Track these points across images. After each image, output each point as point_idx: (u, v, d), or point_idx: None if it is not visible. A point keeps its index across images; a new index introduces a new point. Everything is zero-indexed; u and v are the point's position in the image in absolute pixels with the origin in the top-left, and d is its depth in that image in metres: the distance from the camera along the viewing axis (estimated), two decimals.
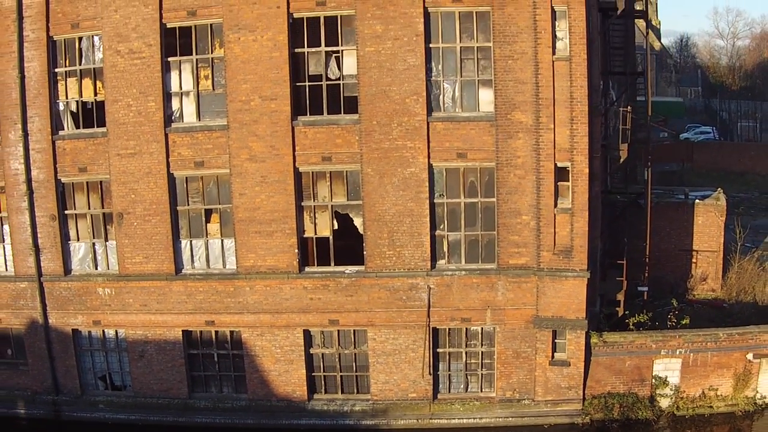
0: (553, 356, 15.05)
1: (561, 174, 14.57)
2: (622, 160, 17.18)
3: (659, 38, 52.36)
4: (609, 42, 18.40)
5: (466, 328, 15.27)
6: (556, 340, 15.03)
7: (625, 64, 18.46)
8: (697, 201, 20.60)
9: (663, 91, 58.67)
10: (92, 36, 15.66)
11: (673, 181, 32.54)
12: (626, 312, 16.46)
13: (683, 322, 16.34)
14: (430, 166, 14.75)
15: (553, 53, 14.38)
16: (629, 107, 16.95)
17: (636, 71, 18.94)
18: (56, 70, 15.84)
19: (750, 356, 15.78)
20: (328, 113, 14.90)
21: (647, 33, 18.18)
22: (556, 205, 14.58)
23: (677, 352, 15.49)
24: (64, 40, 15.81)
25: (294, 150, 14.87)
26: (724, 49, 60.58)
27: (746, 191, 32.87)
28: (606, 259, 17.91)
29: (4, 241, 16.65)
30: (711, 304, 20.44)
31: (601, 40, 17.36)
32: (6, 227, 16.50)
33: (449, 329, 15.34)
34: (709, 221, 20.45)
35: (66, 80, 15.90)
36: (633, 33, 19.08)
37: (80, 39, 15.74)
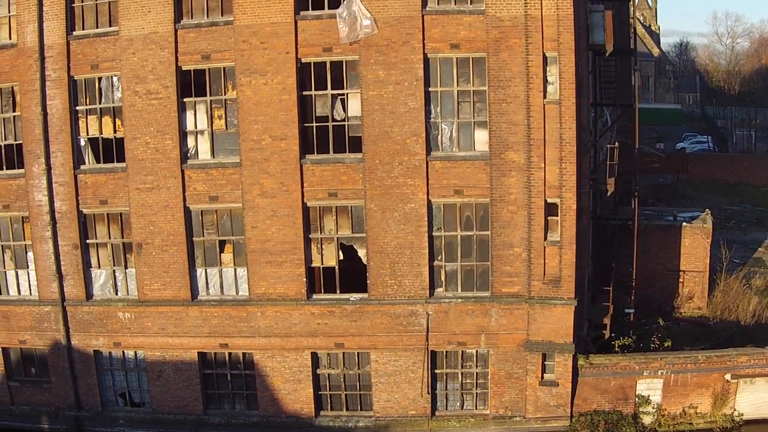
0: (542, 377, 16.59)
1: (551, 209, 16.05)
2: (609, 193, 18.59)
3: (659, 44, 53.68)
4: (602, 75, 19.75)
5: (462, 351, 16.82)
6: (545, 363, 16.57)
7: (618, 94, 19.82)
8: (684, 224, 22.10)
9: (661, 98, 60.10)
10: (111, 76, 17.13)
11: (667, 194, 34.02)
12: (612, 334, 17.97)
13: (666, 345, 17.88)
14: (429, 202, 16.23)
15: (544, 97, 15.82)
16: (616, 143, 18.31)
17: (625, 103, 20.27)
18: (77, 107, 17.32)
19: (728, 376, 17.30)
20: (334, 152, 16.39)
21: (636, 67, 19.38)
22: (546, 238, 16.07)
23: (659, 373, 17.01)
24: (85, 79, 17.28)
25: (302, 186, 16.37)
26: (723, 54, 61.92)
27: (739, 203, 34.28)
28: (595, 282, 19.36)
29: (28, 268, 18.17)
30: (696, 322, 21.99)
31: (593, 76, 18.77)
32: (30, 254, 18.01)
33: (446, 352, 16.88)
34: (695, 243, 21.96)
35: (87, 117, 17.36)
36: (630, 66, 20.28)
37: (100, 79, 17.21)
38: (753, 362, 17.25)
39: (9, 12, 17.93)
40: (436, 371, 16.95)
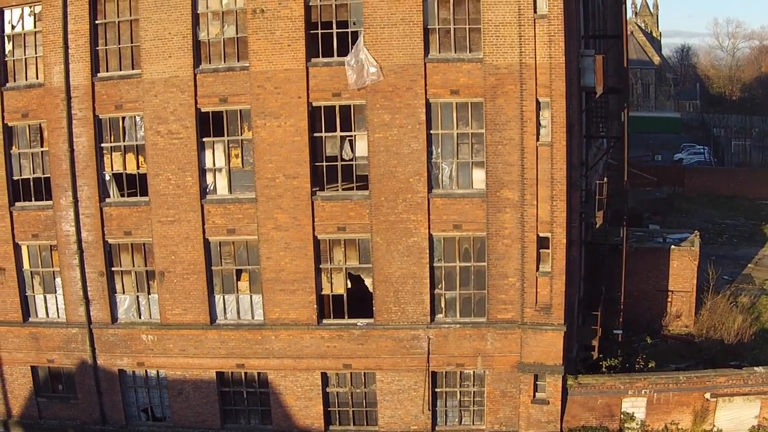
0: (534, 396, 18.55)
1: (542, 242, 17.94)
2: (598, 225, 20.43)
3: (660, 50, 55.27)
4: (594, 110, 21.47)
5: (461, 372, 18.79)
6: (537, 382, 18.54)
7: (608, 127, 21.55)
8: (672, 247, 23.98)
9: (662, 105, 61.76)
10: (135, 116, 19.00)
11: (663, 208, 35.77)
12: (601, 355, 19.90)
13: (650, 365, 19.77)
14: (430, 236, 18.13)
15: (537, 139, 17.65)
16: (605, 179, 20.09)
17: (615, 136, 21.99)
18: (102, 144, 19.20)
19: (708, 395, 19.23)
20: (343, 189, 18.33)
21: (627, 112, 21.04)
22: (538, 269, 17.94)
23: (643, 392, 18.93)
24: (109, 118, 19.15)
25: (313, 221, 18.29)
26: (724, 60, 63.64)
27: (733, 217, 36.13)
28: (586, 305, 21.21)
29: (56, 292, 20.11)
30: (683, 339, 23.92)
31: (585, 113, 20.50)
32: (58, 280, 19.95)
33: (446, 372, 18.85)
34: (683, 265, 23.83)
35: (111, 154, 19.23)
36: (626, 104, 21.89)
37: (123, 118, 19.08)
38: (731, 382, 19.17)
39: (36, 53, 19.85)
40: (436, 390, 18.94)
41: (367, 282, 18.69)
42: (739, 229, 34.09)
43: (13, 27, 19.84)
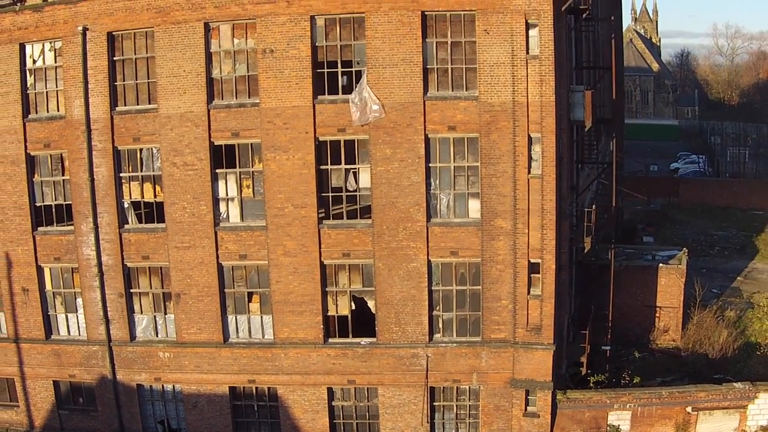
0: (526, 409, 20.49)
1: (533, 268, 19.80)
2: (586, 251, 22.25)
3: (659, 56, 56.83)
4: (584, 138, 23.25)
5: (457, 387, 20.70)
6: (528, 397, 20.48)
7: (598, 155, 23.34)
8: (660, 265, 25.84)
9: (660, 112, 63.51)
10: (151, 148, 20.82)
11: (657, 219, 37.59)
12: (589, 371, 21.77)
13: (635, 381, 21.65)
14: (429, 262, 19.99)
15: (529, 172, 19.46)
16: (593, 206, 21.87)
17: (605, 161, 23.77)
18: (121, 174, 21.02)
19: (689, 409, 21.14)
20: (347, 218, 20.22)
21: (615, 143, 22.85)
22: (529, 292, 19.81)
23: (627, 406, 20.82)
24: (127, 150, 20.95)
25: (320, 247, 20.15)
26: (723, 65, 65.25)
27: (726, 228, 37.97)
28: (577, 321, 23.04)
29: (77, 312, 21.99)
30: (669, 353, 25.82)
31: (576, 144, 22.28)
32: (79, 300, 21.82)
33: (443, 387, 20.78)
34: (670, 282, 25.67)
35: (130, 183, 21.06)
36: (614, 135, 23.72)
37: (141, 150, 20.90)
38: (711, 397, 21.07)
39: (57, 86, 21.62)
40: (434, 404, 20.87)
41: (370, 304, 20.59)
42: (731, 240, 35.93)
43: (34, 61, 21.68)
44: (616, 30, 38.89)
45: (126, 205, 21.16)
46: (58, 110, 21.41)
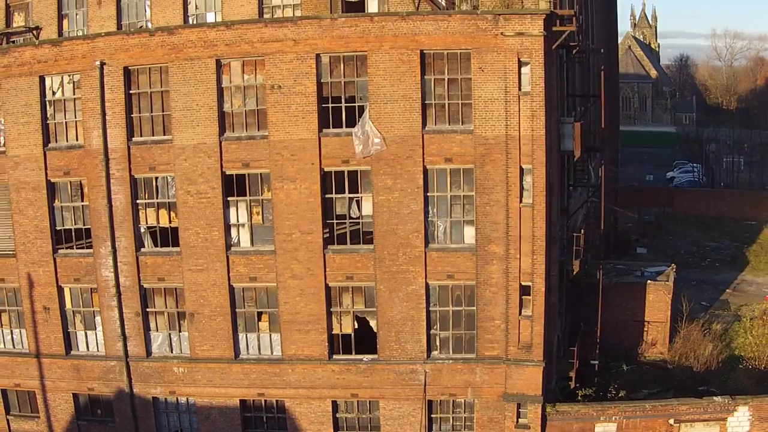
0: (517, 421, 22.54)
1: (524, 290, 21.81)
2: (575, 272, 24.18)
3: (658, 61, 58.46)
4: (575, 165, 25.20)
5: (453, 400, 22.78)
6: (519, 410, 22.55)
7: (589, 178, 25.34)
8: (648, 282, 27.93)
9: (659, 118, 65.32)
10: (166, 177, 22.80)
11: (651, 230, 39.50)
12: (577, 384, 23.79)
13: (620, 395, 23.63)
14: (427, 284, 22.02)
15: (520, 201, 21.41)
16: (582, 230, 23.80)
17: (593, 184, 25.70)
18: (138, 201, 23.01)
19: (671, 421, 23.19)
20: (351, 244, 22.19)
21: (603, 170, 24.73)
22: (520, 313, 21.82)
23: (613, 419, 22.85)
24: (144, 178, 22.91)
25: (325, 271, 22.17)
26: (721, 71, 67.01)
27: (718, 239, 39.92)
28: (567, 337, 25.00)
29: (96, 329, 24.00)
30: (656, 365, 27.94)
31: (567, 170, 24.21)
32: (98, 319, 23.84)
33: (440, 401, 22.87)
34: (658, 298, 27.73)
35: (146, 209, 23.05)
36: (603, 161, 25.69)
37: (156, 178, 22.88)
38: (692, 410, 23.10)
39: (75, 117, 23.51)
40: (432, 416, 22.96)
41: (372, 323, 22.63)
42: (723, 252, 37.89)
43: (53, 93, 23.60)
44: (610, 57, 40.80)
45: (142, 230, 23.17)
46: (77, 140, 23.39)
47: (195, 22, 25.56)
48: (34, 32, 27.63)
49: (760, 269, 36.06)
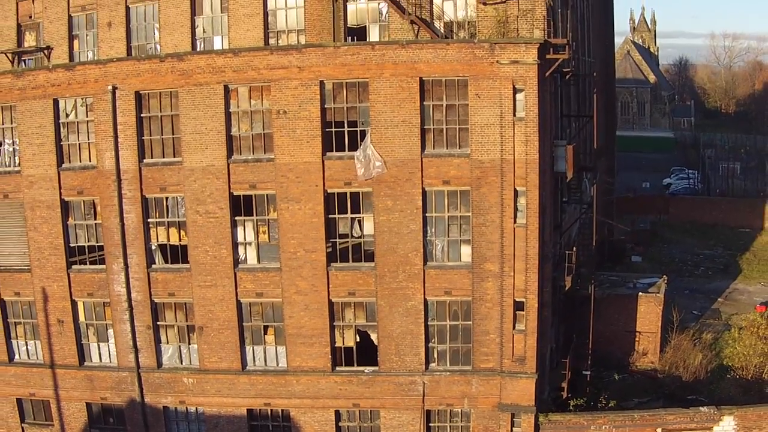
0: (511, 430, 24.25)
1: (518, 306, 23.41)
2: (567, 288, 25.73)
3: (657, 65, 59.80)
4: (569, 184, 26.73)
5: (450, 410, 24.43)
6: (514, 419, 24.21)
7: (581, 196, 26.90)
8: (640, 294, 29.50)
9: (657, 123, 66.85)
10: (177, 197, 24.36)
11: (646, 238, 40.98)
12: (570, 394, 25.40)
13: (611, 404, 25.20)
14: (426, 300, 23.61)
15: (514, 222, 22.96)
16: (574, 248, 25.33)
17: (587, 201, 27.26)
18: (149, 220, 24.58)
19: (659, 430, 24.76)
20: (353, 261, 23.75)
21: (596, 189, 26.26)
22: (514, 328, 23.41)
23: (603, 428, 24.48)
24: (154, 198, 24.49)
25: (328, 287, 23.75)
26: (720, 74, 68.48)
27: (712, 247, 41.41)
28: (561, 348, 26.54)
29: (108, 341, 25.59)
30: (647, 374, 29.53)
31: (561, 189, 25.72)
32: (111, 331, 25.47)
33: (438, 410, 24.52)
34: (649, 309, 29.35)
35: (157, 228, 24.62)
36: (595, 181, 27.12)
37: (167, 198, 24.44)
38: (679, 420, 24.69)
39: (88, 139, 25.01)
40: (430, 425, 24.62)
41: (373, 337, 24.23)
42: (716, 260, 39.41)
43: (67, 115, 25.15)
44: (607, 68, 42.23)
45: (153, 247, 24.75)
46: (90, 160, 24.96)
47: (202, 46, 27.08)
48: (45, 52, 29.15)
49: (752, 277, 37.60)
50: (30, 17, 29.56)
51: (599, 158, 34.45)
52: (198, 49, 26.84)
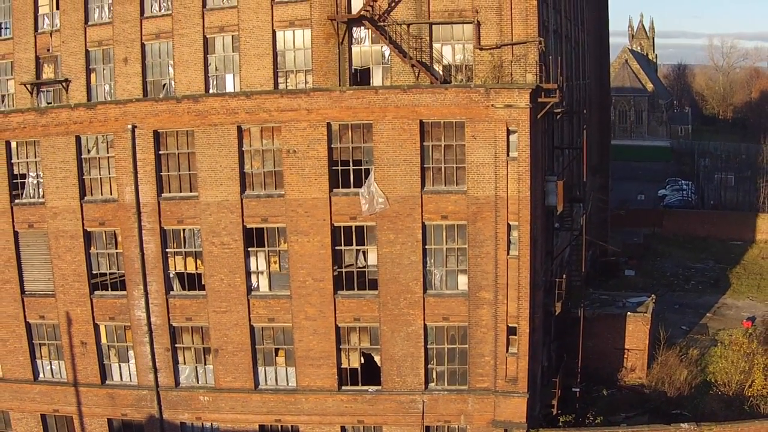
0: None
1: (511, 331, 26.28)
2: (557, 313, 28.51)
3: (656, 72, 62.23)
4: (560, 215, 29.52)
5: (448, 426, 27.39)
6: None
7: (573, 223, 29.64)
8: (628, 313, 32.26)
9: (654, 131, 69.45)
10: (193, 229, 27.11)
11: (639, 252, 43.60)
12: (559, 411, 28.28)
13: (597, 420, 28.08)
14: (425, 325, 26.49)
15: (507, 253, 25.74)
16: (564, 276, 28.08)
17: (579, 227, 29.99)
18: (167, 250, 27.32)
19: None
20: (357, 290, 26.59)
21: (585, 219, 29.00)
22: (507, 351, 26.26)
23: None
24: (172, 230, 27.24)
25: (335, 313, 26.59)
26: (718, 80, 70.95)
27: (704, 260, 44.06)
28: (552, 367, 29.32)
29: (129, 362, 28.39)
30: (635, 390, 32.46)
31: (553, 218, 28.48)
32: (131, 352, 28.29)
33: (436, 426, 27.51)
34: (637, 328, 32.21)
35: (175, 257, 27.37)
36: (584, 211, 29.89)
37: (184, 230, 27.22)
38: None
39: (110, 173, 27.68)
40: None
41: (377, 359, 27.12)
42: (707, 274, 42.09)
43: (89, 151, 27.82)
44: (602, 93, 44.79)
45: (171, 275, 27.55)
46: (111, 194, 27.76)
47: (215, 82, 29.76)
48: (64, 84, 31.76)
49: (741, 292, 40.26)
50: (48, 50, 32.13)
51: (593, 175, 37.14)
52: (210, 86, 29.64)
